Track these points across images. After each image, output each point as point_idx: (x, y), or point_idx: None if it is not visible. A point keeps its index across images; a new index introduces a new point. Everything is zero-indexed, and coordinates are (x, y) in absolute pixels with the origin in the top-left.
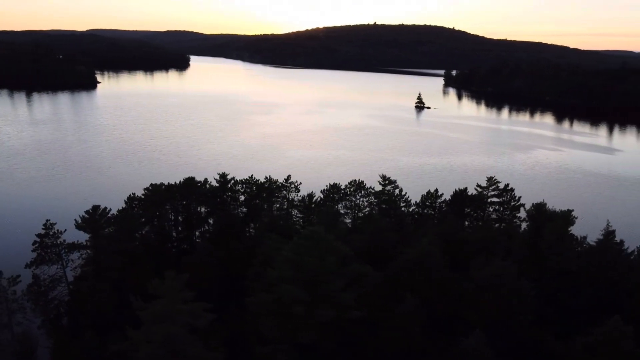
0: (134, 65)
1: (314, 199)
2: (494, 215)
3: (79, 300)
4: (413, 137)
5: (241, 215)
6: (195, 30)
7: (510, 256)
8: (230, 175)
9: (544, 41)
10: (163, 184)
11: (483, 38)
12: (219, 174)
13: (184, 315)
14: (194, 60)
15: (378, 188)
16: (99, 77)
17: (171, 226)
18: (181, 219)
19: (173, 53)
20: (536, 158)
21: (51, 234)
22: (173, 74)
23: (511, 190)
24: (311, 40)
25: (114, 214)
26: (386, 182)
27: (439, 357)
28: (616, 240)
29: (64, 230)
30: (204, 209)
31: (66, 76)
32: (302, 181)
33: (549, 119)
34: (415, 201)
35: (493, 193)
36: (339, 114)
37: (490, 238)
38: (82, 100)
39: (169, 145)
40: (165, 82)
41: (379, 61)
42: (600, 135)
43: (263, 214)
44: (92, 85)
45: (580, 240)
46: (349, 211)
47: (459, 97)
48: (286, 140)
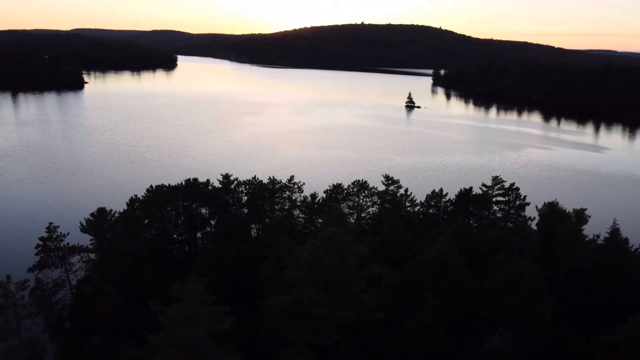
0: (120, 65)
1: (317, 199)
2: (499, 214)
3: (83, 304)
4: (405, 137)
5: (244, 217)
6: (182, 30)
7: (524, 255)
8: (226, 175)
9: (529, 41)
10: (165, 186)
11: (470, 38)
12: (222, 174)
13: (205, 319)
14: (181, 60)
15: (375, 188)
16: (85, 77)
17: (175, 228)
18: (181, 221)
19: (160, 53)
20: (528, 156)
21: (54, 237)
22: (161, 74)
23: (516, 189)
24: (299, 39)
25: (115, 216)
26: (389, 182)
27: (462, 358)
28: (622, 238)
29: (67, 233)
30: (207, 211)
31: (52, 76)
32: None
33: (538, 118)
34: (420, 201)
35: (498, 192)
36: (330, 114)
37: (504, 237)
38: (70, 100)
39: (161, 145)
40: (153, 82)
41: (366, 61)
42: (588, 133)
43: (271, 216)
44: (79, 85)
45: (593, 238)
46: (353, 211)
47: (448, 97)
48: (279, 140)
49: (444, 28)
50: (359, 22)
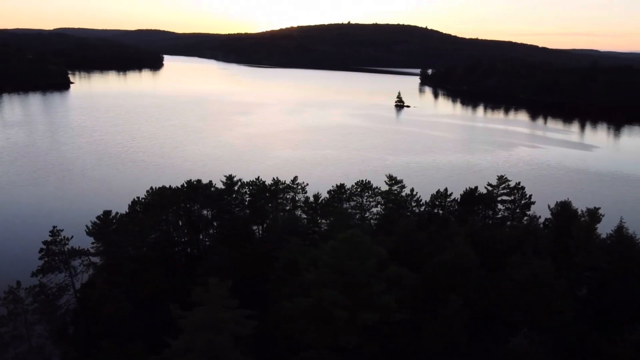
0: (105, 65)
1: (320, 199)
2: (504, 214)
3: (89, 308)
4: (397, 136)
5: (248, 218)
6: (167, 30)
7: (538, 254)
8: (219, 176)
9: (513, 40)
10: (168, 187)
11: (455, 37)
12: (225, 176)
13: (226, 323)
14: (168, 59)
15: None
16: (71, 78)
17: (178, 230)
18: (182, 222)
19: (146, 52)
20: (518, 155)
21: (58, 240)
22: (147, 74)
23: (522, 188)
24: (286, 39)
25: (117, 218)
26: (393, 182)
27: (486, 358)
28: (630, 235)
29: (70, 236)
30: (210, 212)
31: (37, 76)
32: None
33: (525, 117)
34: (425, 200)
35: (503, 192)
36: (320, 113)
37: (517, 237)
38: (56, 101)
39: (152, 146)
40: (140, 82)
41: (354, 60)
42: (577, 132)
43: (274, 217)
44: (65, 85)
45: (606, 237)
46: (356, 212)
47: (436, 96)
48: (271, 140)
49: (429, 28)
50: (346, 22)
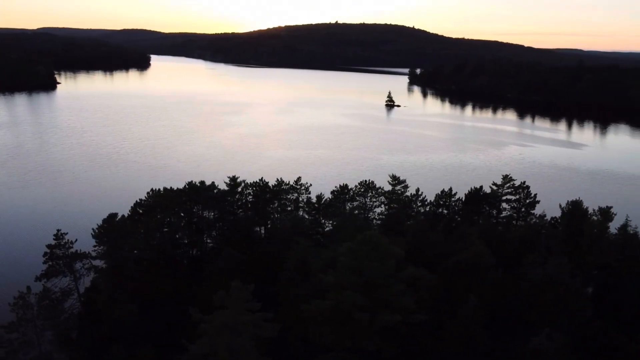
0: (91, 65)
1: (323, 200)
2: (510, 213)
3: (94, 312)
4: (389, 136)
5: (252, 219)
6: (153, 29)
7: (550, 253)
8: (213, 177)
9: (499, 40)
10: (172, 189)
11: (442, 37)
12: (228, 177)
13: (247, 326)
14: (155, 59)
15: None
16: (57, 78)
17: (181, 232)
18: (183, 223)
19: (133, 52)
20: (510, 154)
21: (62, 243)
22: (134, 74)
23: (527, 187)
24: (273, 39)
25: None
26: (395, 182)
27: (509, 358)
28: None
29: (75, 240)
30: (212, 214)
31: (23, 77)
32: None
33: (514, 116)
34: (430, 200)
35: (508, 191)
36: (312, 113)
37: (530, 236)
38: (43, 101)
39: (144, 147)
40: (128, 82)
41: (342, 60)
42: (562, 130)
43: (286, 218)
44: (52, 86)
45: (614, 235)
46: (360, 212)
47: (425, 95)
48: (264, 140)
49: (416, 27)
50: (334, 22)
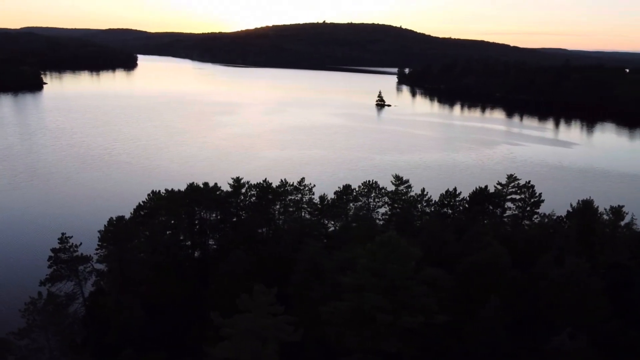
0: (78, 65)
1: (325, 201)
2: (515, 212)
3: (102, 316)
4: (382, 135)
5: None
6: (139, 29)
7: (563, 252)
8: (209, 178)
9: (485, 39)
10: (172, 190)
11: (429, 37)
12: (232, 178)
13: (269, 330)
14: (142, 59)
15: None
16: (42, 78)
17: (186, 234)
18: (186, 225)
19: (119, 52)
20: (502, 153)
21: (67, 247)
22: (121, 74)
23: (531, 186)
24: (261, 38)
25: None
26: (399, 182)
27: (532, 358)
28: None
29: (79, 243)
30: (216, 215)
31: (8, 77)
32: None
33: (503, 115)
34: (435, 200)
35: (512, 190)
36: (303, 113)
37: (544, 236)
38: (29, 102)
39: (136, 148)
40: (116, 82)
41: (330, 59)
42: (550, 129)
43: (292, 219)
44: (38, 86)
45: (628, 233)
46: (364, 212)
47: (414, 95)
48: (257, 140)
49: (404, 27)
50: (321, 21)
